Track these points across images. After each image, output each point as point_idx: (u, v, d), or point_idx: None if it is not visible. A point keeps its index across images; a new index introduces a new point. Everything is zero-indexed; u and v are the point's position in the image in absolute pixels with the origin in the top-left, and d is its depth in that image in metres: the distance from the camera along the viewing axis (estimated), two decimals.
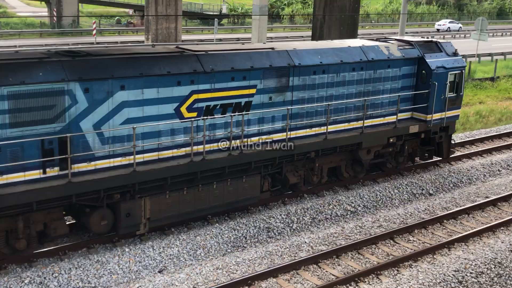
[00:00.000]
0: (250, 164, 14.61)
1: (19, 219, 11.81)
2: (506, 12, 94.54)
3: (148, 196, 13.24)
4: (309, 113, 15.76)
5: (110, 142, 12.55)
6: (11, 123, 11.24)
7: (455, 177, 18.82)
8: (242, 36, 57.17)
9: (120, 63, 12.72)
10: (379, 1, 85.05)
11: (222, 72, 13.98)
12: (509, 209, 16.68)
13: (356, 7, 30.35)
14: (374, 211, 16.30)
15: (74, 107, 11.96)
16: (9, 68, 11.34)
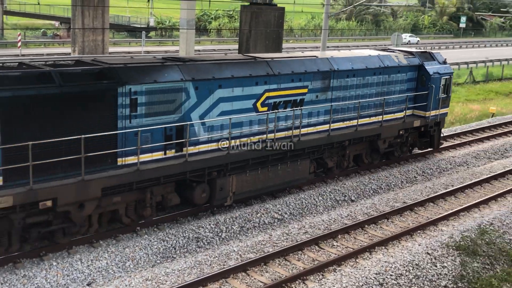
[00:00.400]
0: (304, 150, 17.45)
1: (147, 191, 14.14)
2: (419, 27, 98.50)
3: (234, 174, 15.86)
4: (343, 109, 18.75)
5: (209, 130, 15.29)
6: (146, 113, 13.80)
7: (375, 183, 19.32)
8: (169, 48, 56.72)
9: (218, 67, 15.49)
10: (302, 17, 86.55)
11: (286, 75, 16.84)
12: (425, 213, 17.25)
13: (280, 22, 30.79)
14: (300, 218, 16.47)
15: (188, 102, 14.67)
16: (144, 70, 13.94)
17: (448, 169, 21.85)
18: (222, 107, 15.42)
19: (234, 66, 15.90)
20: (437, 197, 18.43)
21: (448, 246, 14.50)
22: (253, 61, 16.66)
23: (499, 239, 15.47)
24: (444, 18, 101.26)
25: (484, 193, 19.32)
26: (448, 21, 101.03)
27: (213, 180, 15.39)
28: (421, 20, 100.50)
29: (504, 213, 17.02)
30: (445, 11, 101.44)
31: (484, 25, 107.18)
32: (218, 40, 71.01)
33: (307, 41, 75.40)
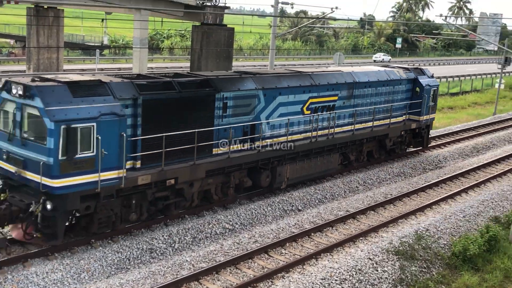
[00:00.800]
0: (335, 146, 20.63)
1: (231, 175, 17.07)
2: (359, 48, 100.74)
3: (288, 163, 18.80)
4: (362, 113, 21.84)
5: (272, 128, 18.26)
6: (232, 114, 16.87)
7: (320, 194, 19.55)
8: (123, 66, 56.04)
9: (278, 79, 18.59)
10: (250, 37, 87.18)
11: (323, 85, 19.99)
12: (366, 221, 17.56)
13: (230, 41, 30.94)
14: (250, 227, 16.48)
15: (259, 105, 17.73)
16: (231, 80, 17.08)
17: (386, 179, 22.33)
18: (281, 110, 18.59)
19: (288, 78, 19.08)
20: (377, 206, 18.80)
21: (388, 251, 14.79)
22: (299, 74, 19.68)
23: (434, 244, 15.89)
24: (381, 39, 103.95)
25: (420, 201, 19.83)
26: (385, 41, 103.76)
27: (274, 168, 18.41)
28: (360, 41, 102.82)
29: (439, 220, 17.50)
30: (382, 33, 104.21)
31: (418, 46, 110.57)
32: (171, 58, 70.63)
33: (255, 60, 75.90)
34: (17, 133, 13.15)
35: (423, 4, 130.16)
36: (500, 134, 31.95)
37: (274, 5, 26.79)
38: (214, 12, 29.54)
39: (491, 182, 22.68)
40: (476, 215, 18.45)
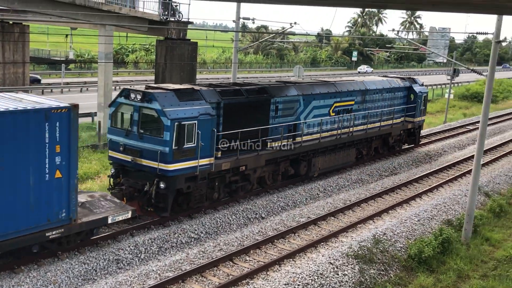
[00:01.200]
0: (353, 142, 23.95)
1: (279, 164, 20.15)
2: (318, 61, 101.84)
3: (319, 156, 21.94)
4: (371, 115, 24.86)
5: (308, 127, 21.11)
6: (281, 115, 19.68)
7: (282, 201, 19.55)
8: (89, 80, 55.15)
9: (312, 87, 21.66)
10: (214, 50, 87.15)
11: (344, 92, 23.04)
12: (327, 227, 17.63)
13: (193, 55, 30.77)
14: (215, 236, 16.34)
15: (299, 108, 20.59)
16: (280, 88, 20.09)
17: (345, 186, 22.51)
18: (314, 112, 21.46)
19: (319, 86, 22.16)
20: (337, 212, 18.91)
21: (348, 255, 14.87)
22: (327, 83, 23.09)
23: (391, 247, 16.06)
24: (338, 52, 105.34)
25: (377, 207, 20.04)
26: (342, 55, 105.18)
27: (310, 159, 21.46)
28: (319, 54, 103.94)
29: (395, 224, 17.70)
30: (339, 46, 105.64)
31: (373, 59, 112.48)
32: (136, 71, 69.91)
33: (219, 73, 75.81)
34: (134, 130, 15.96)
35: (376, 19, 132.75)
36: (451, 141, 32.65)
37: (235, 20, 26.82)
38: (177, 28, 29.35)
39: (443, 187, 23.12)
40: (430, 219, 18.74)
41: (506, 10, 11.04)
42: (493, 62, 17.22)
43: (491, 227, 19.36)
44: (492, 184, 23.84)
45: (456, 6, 8.42)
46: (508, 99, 61.18)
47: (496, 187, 23.72)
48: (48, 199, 12.53)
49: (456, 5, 7.89)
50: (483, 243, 17.85)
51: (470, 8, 8.16)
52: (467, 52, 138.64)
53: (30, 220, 12.26)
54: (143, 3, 30.62)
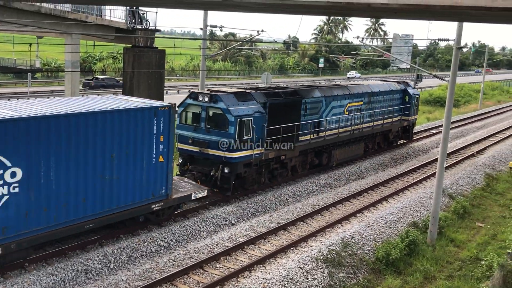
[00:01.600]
0: (362, 137, 27.44)
1: (307, 155, 23.42)
2: (285, 68, 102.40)
3: (337, 148, 25.18)
4: (376, 114, 28.23)
5: (327, 124, 24.13)
6: (308, 114, 22.74)
7: (252, 207, 19.50)
8: (55, 88, 54.19)
9: (331, 89, 24.91)
10: (182, 58, 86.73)
11: (355, 94, 26.35)
12: (296, 232, 17.65)
13: (161, 63, 30.50)
14: (185, 244, 16.18)
15: (322, 108, 23.64)
16: (308, 90, 23.33)
17: (314, 191, 22.59)
18: (333, 111, 24.51)
19: (337, 89, 25.47)
20: (306, 216, 18.96)
21: (317, 259, 14.90)
22: (342, 86, 26.64)
23: (359, 250, 16.16)
24: (305, 59, 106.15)
25: (345, 211, 20.18)
26: (309, 62, 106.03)
27: (330, 151, 24.81)
28: (286, 61, 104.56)
29: (363, 227, 17.84)
30: (306, 54, 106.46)
31: (339, 65, 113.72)
32: None
33: (187, 80, 75.47)
34: (202, 125, 19.36)
35: (342, 26, 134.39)
36: (415, 145, 33.16)
37: (203, 28, 26.74)
38: (145, 36, 29.09)
39: (409, 190, 23.44)
40: (396, 221, 18.95)
41: (466, 18, 11.27)
42: (454, 67, 17.56)
43: (455, 228, 19.70)
44: (455, 186, 24.28)
45: (418, 14, 8.53)
46: (470, 103, 62.60)
47: (459, 189, 24.16)
48: (154, 178, 15.75)
49: (418, 13, 7.98)
50: (448, 244, 18.14)
51: (432, 16, 8.28)
52: (430, 58, 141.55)
53: (142, 195, 15.49)
54: (110, 11, 30.26)
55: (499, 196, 24.73)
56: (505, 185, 26.27)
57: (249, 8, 8.18)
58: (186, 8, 9.62)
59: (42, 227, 13.04)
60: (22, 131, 12.31)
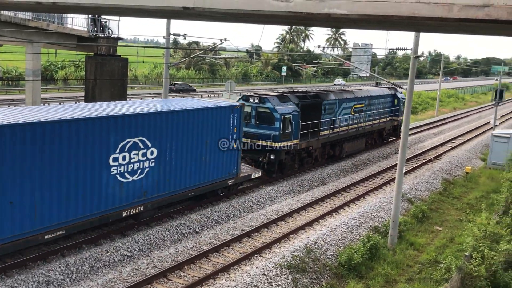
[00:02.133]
0: (364, 134, 32.01)
1: (326, 147, 27.96)
2: (249, 76, 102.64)
3: (346, 143, 29.62)
4: (374, 115, 32.88)
5: (339, 122, 28.23)
6: (327, 113, 26.91)
7: (216, 215, 19.34)
8: (16, 97, 52.76)
9: (341, 93, 29.60)
10: (145, 66, 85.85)
11: (359, 97, 30.98)
12: (260, 239, 17.58)
13: (124, 71, 30.07)
14: (148, 253, 15.89)
15: (336, 108, 27.90)
16: (326, 94, 28.27)
17: (278, 197, 22.60)
18: (344, 112, 28.78)
19: (346, 93, 30.28)
20: (270, 223, 18.93)
21: (281, 266, 14.86)
22: (349, 91, 31.12)
23: (322, 256, 16.21)
24: (268, 67, 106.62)
25: (308, 216, 20.24)
26: (272, 70, 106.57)
27: (341, 145, 29.32)
28: (250, 70, 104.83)
29: (325, 233, 17.92)
30: (269, 62, 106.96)
31: (301, 73, 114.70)
32: (65, 88, 67.63)
33: (151, 88, 74.71)
34: (252, 121, 23.72)
35: (304, 36, 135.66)
36: (375, 151, 33.64)
37: (166, 36, 26.52)
38: (107, 45, 28.66)
39: (369, 195, 23.71)
40: (358, 226, 19.12)
41: (422, 28, 11.46)
42: (412, 75, 17.89)
43: (414, 232, 20.01)
44: (414, 191, 24.70)
45: (377, 24, 8.60)
46: (427, 110, 64.00)
47: (418, 194, 24.59)
48: (229, 160, 20.16)
49: (377, 23, 8.05)
50: (408, 248, 18.39)
51: (390, 26, 8.38)
52: (388, 67, 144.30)
53: (223, 172, 20.00)
54: (72, 20, 29.71)
55: (456, 200, 25.29)
56: (461, 189, 26.90)
57: (211, 17, 8.11)
58: (148, 17, 9.48)
59: (165, 193, 17.28)
60: (157, 122, 16.50)
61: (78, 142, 14.18)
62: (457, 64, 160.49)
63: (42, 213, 13.47)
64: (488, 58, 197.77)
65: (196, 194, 18.96)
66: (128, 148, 15.58)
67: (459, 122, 53.45)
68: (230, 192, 21.28)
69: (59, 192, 13.86)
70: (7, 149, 12.60)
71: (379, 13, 6.05)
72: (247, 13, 6.64)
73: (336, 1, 6.15)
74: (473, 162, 33.48)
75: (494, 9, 6.35)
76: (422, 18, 5.89)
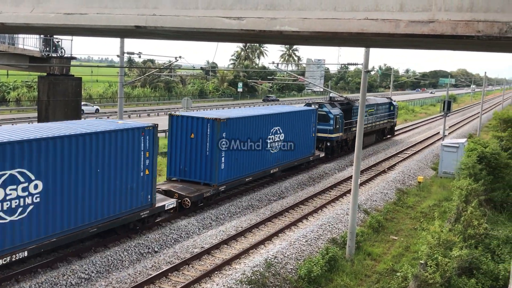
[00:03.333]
0: (374, 131, 42.32)
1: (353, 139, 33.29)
2: (205, 92, 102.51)
3: (364, 137, 28.41)
4: (379, 117, 42.82)
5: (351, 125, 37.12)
6: (353, 115, 35.94)
7: (175, 233, 19.05)
8: None
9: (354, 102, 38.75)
10: (100, 85, 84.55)
11: (370, 104, 40.16)
12: (220, 255, 17.41)
13: (78, 91, 29.47)
14: (107, 274, 15.47)
15: (353, 114, 35.77)
16: (354, 101, 37.88)
17: (237, 213, 22.49)
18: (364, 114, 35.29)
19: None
20: (229, 239, 18.78)
21: (242, 282, 14.74)
22: None
23: (282, 270, 16.17)
24: (224, 84, 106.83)
25: (267, 231, 20.20)
26: (228, 86, 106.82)
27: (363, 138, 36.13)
28: (206, 86, 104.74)
29: (285, 246, 17.91)
30: (225, 78, 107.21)
31: (257, 89, 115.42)
32: (18, 109, 65.79)
33: (106, 107, 73.57)
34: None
35: (258, 52, 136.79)
36: (331, 164, 34.02)
37: (120, 55, 26.19)
38: (60, 65, 28.07)
39: (327, 207, 23.90)
40: (316, 239, 19.21)
41: (372, 44, 11.70)
42: (363, 89, 18.23)
43: (371, 242, 20.25)
44: (370, 202, 25.06)
45: (328, 41, 8.71)
46: None
47: (373, 204, 24.97)
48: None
49: (327, 40, 8.15)
50: (366, 258, 18.58)
51: (341, 42, 8.53)
52: (341, 81, 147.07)
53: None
54: (23, 40, 29.00)
55: (410, 209, 25.80)
56: (415, 199, 27.48)
57: (164, 36, 8.04)
58: (100, 36, 9.32)
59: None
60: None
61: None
62: (407, 77, 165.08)
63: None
64: (435, 71, 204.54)
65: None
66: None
67: (410, 133, 54.82)
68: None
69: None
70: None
71: (329, 30, 6.14)
72: (199, 31, 6.61)
73: (287, 19, 6.21)
74: (425, 172, 34.32)
75: (439, 24, 6.54)
76: (370, 34, 6.01)
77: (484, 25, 6.98)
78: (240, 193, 24.81)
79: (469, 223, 18.46)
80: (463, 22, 6.73)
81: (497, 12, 7.04)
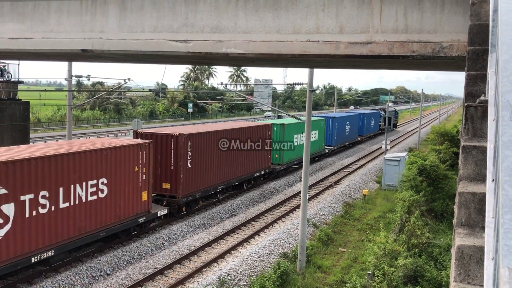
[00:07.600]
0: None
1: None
2: (156, 113, 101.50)
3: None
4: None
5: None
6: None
7: (127, 255, 18.57)
8: None
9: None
10: (49, 108, 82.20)
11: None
12: (174, 275, 17.09)
13: (26, 115, 28.56)
14: None
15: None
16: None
17: (189, 232, 22.20)
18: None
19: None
20: (182, 259, 18.50)
21: None
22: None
23: (236, 287, 16.02)
24: (175, 105, 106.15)
25: (220, 249, 20.02)
26: (178, 107, 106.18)
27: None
28: (156, 107, 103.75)
29: (238, 263, 17.78)
30: (175, 99, 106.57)
31: (207, 109, 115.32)
32: None
33: (55, 130, 71.47)
34: None
35: (207, 73, 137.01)
36: (282, 180, 34.23)
37: (68, 78, 25.61)
38: (6, 89, 27.17)
39: (277, 222, 23.97)
40: (268, 254, 19.18)
41: (314, 64, 11.95)
42: (309, 107, 18.52)
43: (321, 255, 20.41)
44: (318, 216, 25.32)
45: (272, 62, 8.83)
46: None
47: (322, 218, 25.23)
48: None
49: (272, 61, 8.24)
50: (316, 271, 18.69)
51: (285, 63, 8.68)
52: (288, 100, 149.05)
53: None
54: None
55: (357, 221, 26.23)
56: (361, 211, 27.98)
57: (111, 59, 7.92)
58: (46, 60, 9.10)
59: None
60: None
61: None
62: (349, 95, 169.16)
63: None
64: (376, 89, 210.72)
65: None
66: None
67: (355, 148, 56.03)
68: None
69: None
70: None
71: (274, 52, 6.22)
72: (146, 54, 6.55)
73: (232, 41, 6.25)
74: (369, 185, 35.06)
75: (376, 45, 6.75)
76: (312, 55, 6.13)
77: (418, 45, 7.27)
78: (192, 212, 24.51)
79: (412, 233, 18.93)
80: (398, 42, 6.98)
81: (429, 33, 7.35)
